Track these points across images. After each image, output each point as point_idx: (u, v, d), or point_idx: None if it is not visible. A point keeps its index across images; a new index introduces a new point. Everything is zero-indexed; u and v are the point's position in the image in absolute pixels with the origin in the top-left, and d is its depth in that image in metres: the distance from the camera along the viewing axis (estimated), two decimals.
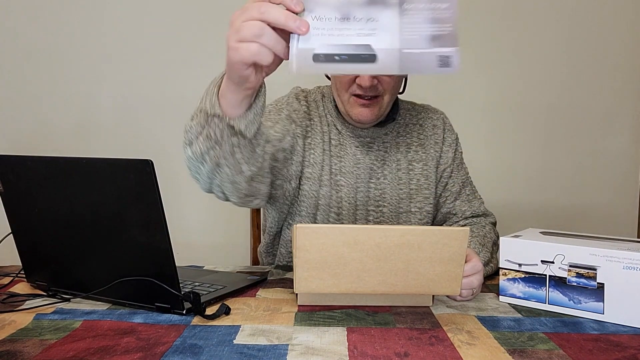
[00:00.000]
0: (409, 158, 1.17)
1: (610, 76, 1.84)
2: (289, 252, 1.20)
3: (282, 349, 0.69)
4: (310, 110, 1.16)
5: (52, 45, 1.74)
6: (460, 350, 0.69)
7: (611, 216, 1.88)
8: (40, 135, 1.76)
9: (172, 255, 0.78)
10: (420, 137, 1.20)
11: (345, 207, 1.14)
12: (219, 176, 0.89)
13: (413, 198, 1.16)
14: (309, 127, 1.14)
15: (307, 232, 0.79)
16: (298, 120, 1.12)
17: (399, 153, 1.17)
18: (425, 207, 1.17)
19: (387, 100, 1.09)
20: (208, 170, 0.88)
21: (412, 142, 1.19)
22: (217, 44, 1.75)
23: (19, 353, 0.67)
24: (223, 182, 0.90)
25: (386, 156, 1.16)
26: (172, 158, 1.76)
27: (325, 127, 1.15)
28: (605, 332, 0.77)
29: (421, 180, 1.17)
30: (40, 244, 0.91)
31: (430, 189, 1.18)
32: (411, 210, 1.16)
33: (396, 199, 1.15)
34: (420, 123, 1.21)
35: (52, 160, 0.83)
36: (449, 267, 0.81)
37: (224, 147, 0.83)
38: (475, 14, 1.79)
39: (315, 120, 1.15)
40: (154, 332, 0.74)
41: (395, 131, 1.18)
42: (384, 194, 1.15)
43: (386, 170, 1.16)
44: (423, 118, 1.22)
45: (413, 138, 1.19)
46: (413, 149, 1.18)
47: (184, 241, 1.70)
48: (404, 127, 1.20)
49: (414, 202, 1.16)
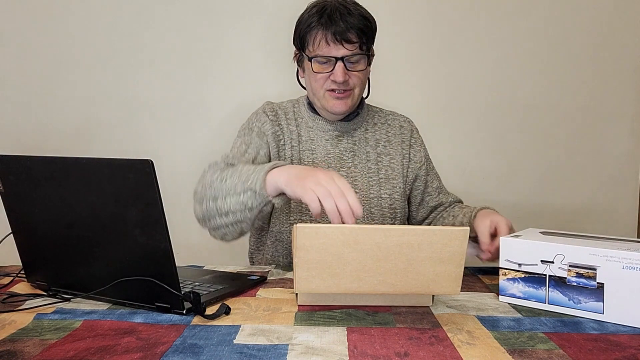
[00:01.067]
0: (378, 152, 1.30)
1: (611, 76, 1.84)
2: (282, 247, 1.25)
3: (282, 349, 0.69)
4: (277, 118, 1.28)
5: (52, 45, 1.74)
6: (460, 350, 0.69)
7: (611, 216, 1.88)
8: (40, 135, 1.76)
9: (172, 255, 0.78)
10: (389, 135, 1.33)
11: None
12: (230, 229, 1.09)
13: (382, 185, 1.28)
14: (278, 131, 1.27)
15: (307, 232, 0.79)
16: (267, 130, 1.25)
17: (368, 147, 1.30)
18: (393, 194, 1.29)
19: (357, 94, 1.22)
20: (223, 223, 1.08)
21: (380, 138, 1.32)
22: (217, 44, 1.76)
23: (19, 353, 0.67)
24: (234, 235, 1.11)
25: (355, 149, 1.28)
26: (172, 158, 1.76)
27: (294, 127, 1.28)
28: (605, 332, 0.77)
29: (389, 171, 1.30)
30: (40, 244, 0.91)
31: (397, 179, 1.29)
32: (381, 196, 1.27)
33: (366, 186, 1.27)
34: (388, 123, 1.35)
35: (52, 160, 0.83)
36: (448, 267, 0.81)
37: (252, 214, 1.03)
38: (476, 14, 1.79)
39: (283, 123, 1.28)
40: (154, 332, 0.74)
41: (364, 128, 1.31)
42: (355, 181, 1.26)
43: (356, 161, 1.28)
44: (391, 119, 1.36)
45: (381, 135, 1.32)
46: (382, 144, 1.31)
47: (184, 241, 1.70)
48: (372, 126, 1.33)
49: (383, 189, 1.28)
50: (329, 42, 1.15)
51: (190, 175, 1.77)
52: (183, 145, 1.77)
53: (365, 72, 1.21)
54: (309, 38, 1.18)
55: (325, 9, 1.16)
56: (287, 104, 1.33)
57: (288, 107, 1.31)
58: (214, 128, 1.76)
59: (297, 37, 1.22)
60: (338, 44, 1.14)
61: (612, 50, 1.83)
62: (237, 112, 1.74)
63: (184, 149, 1.77)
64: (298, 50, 1.24)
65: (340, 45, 1.14)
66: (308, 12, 1.19)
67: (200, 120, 1.78)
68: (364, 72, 1.21)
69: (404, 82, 1.79)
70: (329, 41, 1.15)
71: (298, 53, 1.25)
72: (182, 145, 1.77)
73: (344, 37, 1.14)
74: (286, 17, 1.78)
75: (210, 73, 1.77)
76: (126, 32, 1.74)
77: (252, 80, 1.77)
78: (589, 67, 1.83)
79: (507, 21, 1.80)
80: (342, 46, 1.15)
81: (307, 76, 1.24)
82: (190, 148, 1.77)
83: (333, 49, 1.15)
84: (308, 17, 1.18)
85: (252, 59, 1.77)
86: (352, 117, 1.29)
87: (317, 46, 1.16)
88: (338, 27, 1.14)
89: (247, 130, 1.27)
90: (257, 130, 1.25)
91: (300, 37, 1.21)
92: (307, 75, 1.24)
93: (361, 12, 1.18)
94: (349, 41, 1.14)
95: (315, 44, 1.17)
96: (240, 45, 1.76)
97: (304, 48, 1.20)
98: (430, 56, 1.80)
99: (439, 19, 1.79)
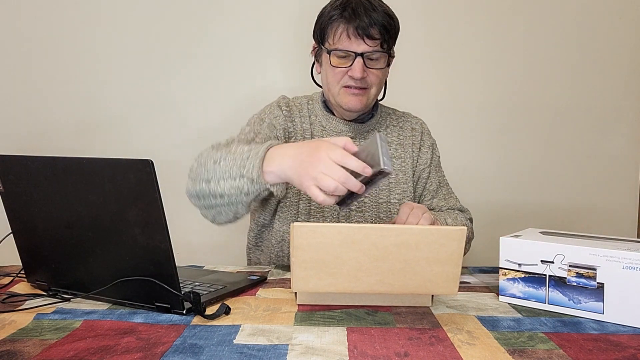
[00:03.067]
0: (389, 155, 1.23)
1: (611, 76, 1.84)
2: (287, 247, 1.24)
3: (282, 349, 0.69)
4: (291, 114, 1.26)
5: (52, 45, 1.74)
6: (460, 350, 0.69)
7: (611, 216, 1.88)
8: (40, 135, 1.76)
9: (172, 255, 0.78)
10: (400, 138, 1.30)
11: None
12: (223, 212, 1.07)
13: (392, 190, 1.26)
14: (291, 128, 1.24)
15: (304, 231, 0.79)
16: (278, 124, 1.23)
17: None
18: (403, 199, 1.26)
19: (373, 93, 1.19)
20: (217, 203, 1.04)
21: (392, 141, 1.29)
22: (217, 44, 1.76)
23: (19, 353, 0.67)
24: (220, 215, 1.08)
25: None
26: (172, 158, 1.76)
27: (307, 125, 1.25)
28: (605, 332, 0.77)
29: (399, 175, 1.27)
30: (40, 244, 0.91)
31: (407, 184, 1.27)
32: (390, 201, 1.25)
33: (376, 190, 1.24)
34: (400, 126, 1.32)
35: (52, 160, 0.83)
36: (446, 267, 0.81)
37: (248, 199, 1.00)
38: (476, 14, 1.79)
39: (297, 121, 1.25)
40: (154, 332, 0.74)
41: (377, 130, 1.28)
42: None
43: None
44: (403, 122, 1.33)
45: (393, 138, 1.30)
46: (393, 147, 1.29)
47: (184, 241, 1.70)
48: (384, 128, 1.30)
49: (393, 194, 1.25)
50: (350, 36, 1.12)
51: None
52: (183, 145, 1.77)
53: (384, 71, 1.19)
54: (329, 31, 1.15)
55: (350, 2, 1.13)
56: (302, 100, 1.30)
57: (303, 104, 1.28)
58: (215, 128, 1.76)
59: (318, 29, 1.19)
60: (359, 39, 1.12)
61: (612, 50, 1.83)
62: (238, 111, 1.74)
63: (184, 148, 1.77)
64: (317, 44, 1.22)
65: (362, 40, 1.12)
66: (331, 4, 1.17)
67: (201, 120, 1.78)
68: (382, 72, 1.18)
69: (407, 82, 1.79)
70: (350, 35, 1.12)
71: (317, 46, 1.22)
72: (182, 145, 1.77)
73: (366, 33, 1.11)
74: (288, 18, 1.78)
75: (211, 73, 1.77)
76: (126, 32, 1.74)
77: (253, 80, 1.77)
78: (589, 67, 1.83)
79: (506, 22, 1.80)
80: (364, 41, 1.12)
81: (323, 71, 1.21)
82: (191, 148, 1.77)
83: (354, 44, 1.12)
84: (331, 9, 1.15)
85: (253, 59, 1.77)
86: (366, 119, 1.26)
87: (337, 39, 1.14)
88: (361, 22, 1.11)
89: (258, 120, 1.24)
90: (268, 122, 1.22)
91: (320, 29, 1.18)
92: (323, 70, 1.21)
93: (385, 10, 1.15)
94: (370, 37, 1.12)
95: (336, 37, 1.14)
96: (240, 45, 1.77)
97: (323, 41, 1.17)
98: (432, 58, 1.80)
99: (447, 20, 1.79)
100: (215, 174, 1.01)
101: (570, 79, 1.83)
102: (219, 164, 1.00)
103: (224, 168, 0.99)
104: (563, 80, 1.83)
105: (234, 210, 1.04)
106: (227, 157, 1.00)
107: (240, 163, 0.97)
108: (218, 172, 1.00)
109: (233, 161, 0.98)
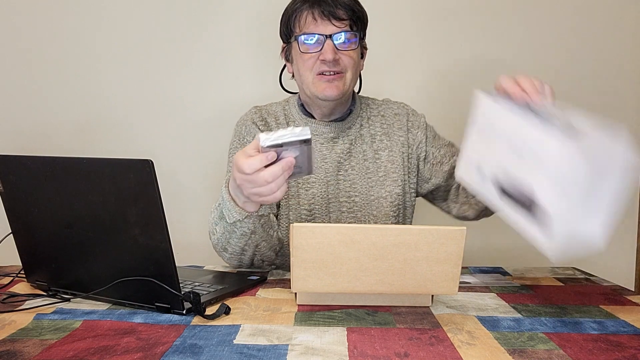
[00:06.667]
0: (375, 147, 1.24)
1: (611, 76, 1.84)
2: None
3: (282, 349, 0.69)
4: (268, 125, 1.24)
5: (52, 45, 1.74)
6: (460, 350, 0.69)
7: None
8: (40, 135, 1.76)
9: (172, 255, 0.78)
10: (384, 127, 1.26)
11: (317, 201, 1.20)
12: (259, 254, 1.07)
13: (383, 184, 1.22)
14: None
15: (304, 231, 0.79)
16: None
17: (364, 144, 1.23)
18: (394, 189, 1.22)
19: (349, 78, 1.14)
20: (249, 256, 1.06)
21: (376, 132, 1.25)
22: (217, 44, 1.75)
23: (19, 353, 0.67)
24: (263, 256, 1.08)
25: (351, 148, 1.22)
26: (172, 158, 1.76)
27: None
28: (605, 332, 0.77)
29: (388, 166, 1.23)
30: (40, 244, 0.91)
31: (398, 172, 1.23)
32: (382, 195, 1.21)
33: (366, 187, 1.21)
34: (382, 114, 1.27)
35: (52, 160, 0.83)
36: (446, 267, 0.81)
37: (259, 231, 1.00)
38: (476, 14, 1.79)
39: (274, 128, 1.23)
40: (154, 332, 0.74)
41: (358, 124, 1.24)
42: (354, 184, 1.21)
43: (353, 162, 1.22)
44: (384, 109, 1.28)
45: (377, 128, 1.25)
46: (378, 138, 1.24)
47: (184, 241, 1.70)
48: (366, 120, 1.26)
49: (384, 188, 1.22)
50: (317, 18, 1.10)
51: (189, 175, 1.78)
52: (183, 145, 1.77)
53: (356, 53, 1.14)
54: (295, 21, 1.13)
55: None
56: (276, 107, 1.27)
57: (278, 111, 1.26)
58: (215, 128, 1.76)
59: (284, 24, 1.17)
60: (326, 20, 1.09)
61: (613, 50, 1.83)
62: (238, 111, 1.74)
63: (184, 149, 1.77)
64: (285, 42, 1.19)
65: (328, 21, 1.09)
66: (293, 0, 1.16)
67: (201, 120, 1.78)
68: (355, 53, 1.14)
69: (404, 80, 1.79)
70: (316, 17, 1.10)
71: (285, 45, 1.19)
72: (182, 145, 1.77)
73: (332, 14, 1.09)
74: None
75: (211, 73, 1.77)
76: (126, 32, 1.74)
77: (253, 80, 1.77)
78: (589, 67, 1.83)
79: (504, 19, 1.80)
80: (330, 22, 1.09)
81: (295, 65, 1.17)
82: (190, 148, 1.77)
83: (320, 26, 1.10)
84: (294, 2, 1.15)
85: (253, 59, 1.77)
86: (345, 115, 1.23)
87: (304, 25, 1.11)
88: (326, 5, 1.10)
89: (239, 145, 1.23)
90: (249, 140, 1.21)
91: (286, 23, 1.15)
92: (295, 65, 1.17)
93: None
94: (337, 17, 1.10)
95: (302, 23, 1.12)
96: (242, 45, 1.76)
97: (291, 34, 1.15)
98: (421, 51, 1.80)
99: (433, 12, 1.79)
100: (222, 241, 1.03)
101: (570, 79, 1.83)
102: (218, 232, 1.03)
103: (222, 231, 1.02)
104: (563, 80, 1.83)
105: (264, 246, 1.05)
106: (219, 223, 1.01)
107: (227, 218, 0.98)
108: (223, 238, 1.03)
109: (220, 220, 1.00)
